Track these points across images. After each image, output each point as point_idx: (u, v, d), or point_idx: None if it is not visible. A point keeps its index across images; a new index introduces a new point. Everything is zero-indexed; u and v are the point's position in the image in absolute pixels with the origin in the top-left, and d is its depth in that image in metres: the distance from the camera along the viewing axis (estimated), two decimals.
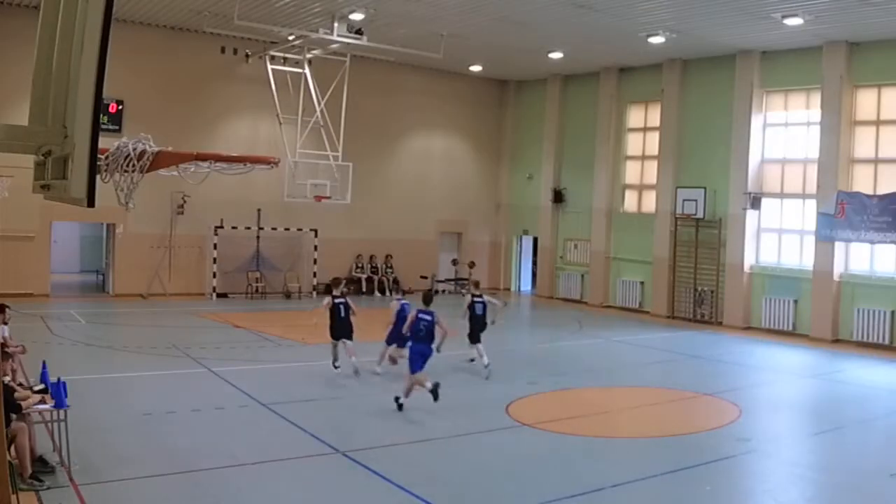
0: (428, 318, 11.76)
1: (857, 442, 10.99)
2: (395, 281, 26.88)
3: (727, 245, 21.80)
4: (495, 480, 8.76)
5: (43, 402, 8.31)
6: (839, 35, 18.75)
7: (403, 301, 14.02)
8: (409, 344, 11.98)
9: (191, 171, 8.57)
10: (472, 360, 14.60)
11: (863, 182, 19.33)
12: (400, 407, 11.27)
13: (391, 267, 26.87)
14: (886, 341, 18.49)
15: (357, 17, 19.36)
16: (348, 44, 20.34)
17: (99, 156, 4.99)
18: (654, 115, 24.41)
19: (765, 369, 16.09)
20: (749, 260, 21.50)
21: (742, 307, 21.35)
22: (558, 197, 26.99)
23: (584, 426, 11.05)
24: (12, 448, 7.33)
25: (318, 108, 22.11)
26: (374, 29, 20.13)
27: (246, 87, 23.54)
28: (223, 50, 22.95)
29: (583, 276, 26.07)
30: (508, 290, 29.12)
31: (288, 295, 24.31)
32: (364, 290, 25.88)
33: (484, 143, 29.27)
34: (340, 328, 13.43)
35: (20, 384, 9.04)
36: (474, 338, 14.26)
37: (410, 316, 12.00)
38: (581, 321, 21.74)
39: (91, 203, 3.30)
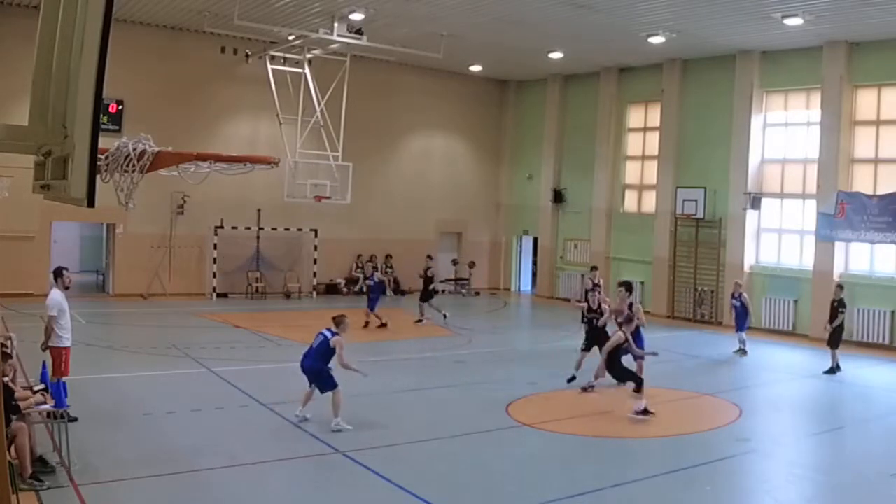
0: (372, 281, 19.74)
1: (857, 442, 10.99)
2: (396, 281, 26.90)
3: (727, 245, 21.80)
4: (495, 480, 8.77)
5: (43, 401, 8.31)
6: (839, 35, 18.75)
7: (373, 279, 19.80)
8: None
9: (191, 171, 8.58)
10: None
11: (863, 182, 19.33)
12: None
13: (391, 267, 26.85)
14: (886, 341, 18.49)
15: (357, 17, 19.36)
16: (348, 44, 20.34)
17: (99, 156, 4.99)
18: (654, 115, 24.41)
19: (765, 369, 16.09)
20: (749, 260, 21.50)
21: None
22: (558, 197, 26.99)
23: (584, 426, 11.05)
24: (12, 448, 7.33)
25: (318, 108, 22.11)
26: (374, 29, 20.12)
27: (246, 87, 23.54)
28: (223, 50, 22.96)
29: (583, 276, 26.03)
30: (508, 290, 29.13)
31: (288, 295, 24.31)
32: (364, 290, 25.85)
33: (484, 143, 29.26)
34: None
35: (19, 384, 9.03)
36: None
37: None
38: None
39: (91, 203, 3.30)
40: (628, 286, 14.00)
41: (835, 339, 15.58)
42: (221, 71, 23.51)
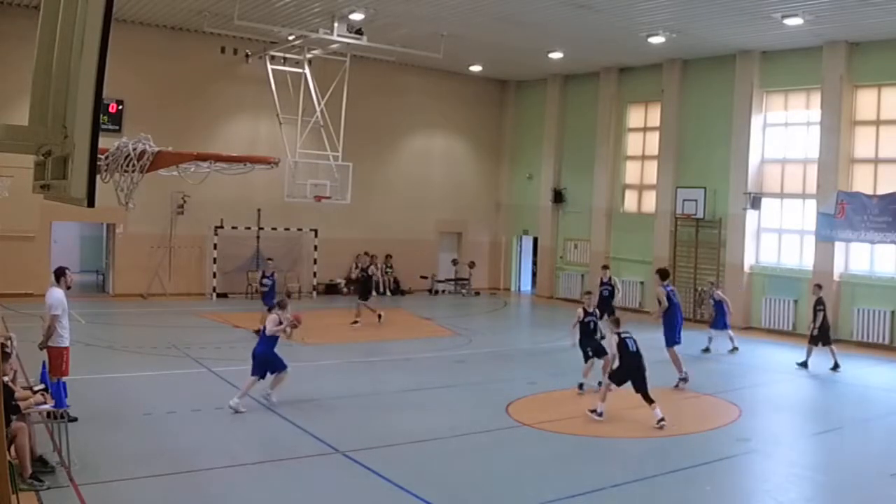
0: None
1: (857, 442, 10.99)
2: (396, 281, 26.91)
3: (727, 245, 21.81)
4: (495, 480, 8.77)
5: (43, 401, 8.31)
6: (839, 35, 18.75)
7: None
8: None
9: (191, 171, 8.58)
10: None
11: (863, 182, 19.33)
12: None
13: (391, 267, 26.86)
14: (886, 341, 18.50)
15: (357, 17, 19.36)
16: (348, 44, 20.34)
17: (99, 156, 4.99)
18: (654, 115, 24.41)
19: (765, 369, 16.09)
20: (749, 260, 21.50)
21: (742, 307, 21.33)
22: (558, 197, 27.00)
23: (584, 426, 11.05)
24: (12, 448, 7.33)
25: (318, 108, 22.11)
26: (374, 29, 20.12)
27: (246, 87, 23.54)
28: (223, 50, 22.96)
29: (583, 276, 26.06)
30: (508, 290, 29.13)
31: (288, 295, 24.25)
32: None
33: (484, 143, 29.26)
34: None
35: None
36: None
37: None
38: None
39: (91, 203, 3.30)
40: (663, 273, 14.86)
41: (825, 337, 15.73)
42: (221, 71, 23.52)
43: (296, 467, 8.87)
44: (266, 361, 11.20)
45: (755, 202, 21.20)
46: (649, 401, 11.04)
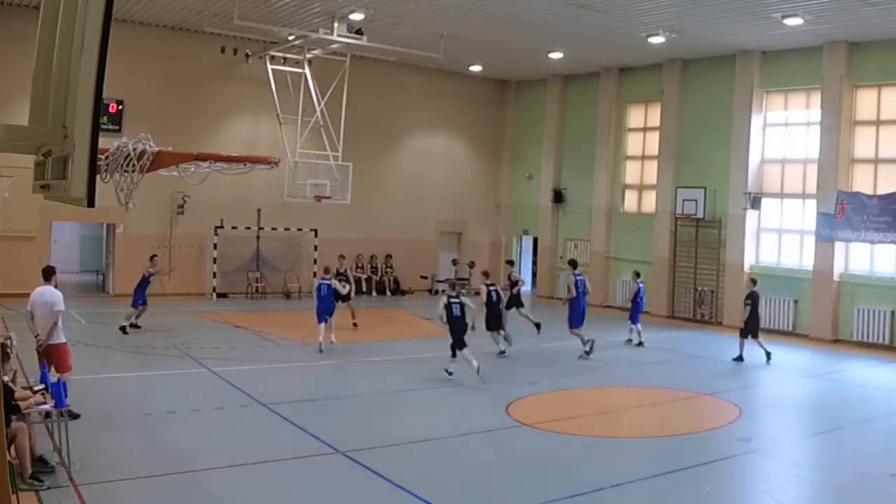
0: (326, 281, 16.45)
1: (858, 442, 10.98)
2: (396, 281, 26.92)
3: (727, 245, 21.81)
4: (495, 480, 8.77)
5: (43, 401, 8.31)
6: (839, 35, 18.75)
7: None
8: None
9: (191, 171, 8.60)
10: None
11: (863, 182, 19.34)
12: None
13: (391, 267, 26.87)
14: (886, 341, 18.50)
15: (357, 17, 19.37)
16: (348, 44, 20.34)
17: (99, 156, 4.99)
18: (654, 115, 24.41)
19: (765, 369, 16.08)
20: (749, 260, 21.50)
21: (742, 307, 21.29)
22: (558, 197, 27.00)
23: (584, 426, 11.05)
24: (12, 448, 7.33)
25: (318, 108, 22.11)
26: (374, 29, 20.13)
27: (246, 87, 23.54)
28: (223, 50, 22.97)
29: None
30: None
31: (288, 295, 24.31)
32: (364, 289, 25.88)
33: (484, 143, 29.26)
34: None
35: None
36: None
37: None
38: None
39: (91, 203, 3.30)
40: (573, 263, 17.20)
41: (751, 329, 16.29)
42: (221, 71, 23.51)
43: (296, 467, 8.87)
44: (327, 309, 15.63)
45: (755, 202, 21.20)
46: (454, 354, 13.27)
